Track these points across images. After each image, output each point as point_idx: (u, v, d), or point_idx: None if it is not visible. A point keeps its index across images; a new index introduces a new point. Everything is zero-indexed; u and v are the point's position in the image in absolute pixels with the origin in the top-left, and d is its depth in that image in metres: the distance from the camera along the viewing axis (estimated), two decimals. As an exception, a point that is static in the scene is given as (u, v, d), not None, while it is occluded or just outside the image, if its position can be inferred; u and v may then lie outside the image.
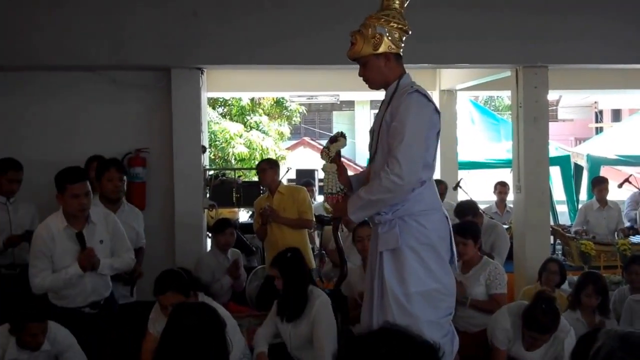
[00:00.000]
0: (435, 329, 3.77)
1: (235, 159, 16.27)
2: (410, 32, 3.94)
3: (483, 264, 5.98)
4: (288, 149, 20.19)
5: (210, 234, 7.62)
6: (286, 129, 18.48)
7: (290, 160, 17.36)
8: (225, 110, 17.91)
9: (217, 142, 16.22)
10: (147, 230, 6.40)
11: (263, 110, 18.01)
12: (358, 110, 27.36)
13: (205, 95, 8.15)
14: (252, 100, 17.49)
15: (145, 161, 7.47)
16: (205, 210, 7.76)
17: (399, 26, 3.88)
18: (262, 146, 16.69)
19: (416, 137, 3.67)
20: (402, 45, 3.92)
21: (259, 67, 8.26)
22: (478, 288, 5.90)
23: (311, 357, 5.02)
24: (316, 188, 11.18)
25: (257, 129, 17.40)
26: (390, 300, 3.81)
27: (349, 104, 27.13)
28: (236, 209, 9.27)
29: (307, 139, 24.36)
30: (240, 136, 16.62)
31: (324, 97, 15.68)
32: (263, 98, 17.45)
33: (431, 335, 3.60)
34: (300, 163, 15.96)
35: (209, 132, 12.15)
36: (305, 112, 20.82)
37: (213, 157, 15.83)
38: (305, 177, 11.59)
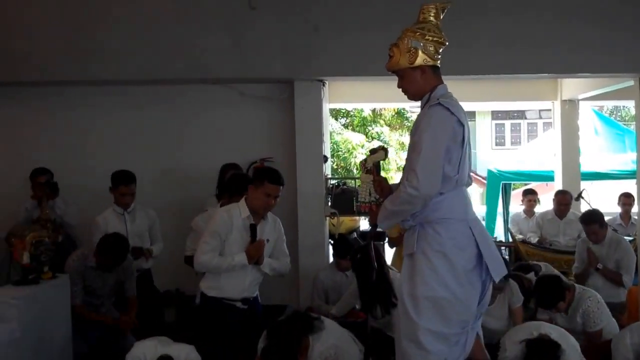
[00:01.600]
0: (436, 339, 3.76)
1: (356, 168, 16.48)
2: (446, 44, 3.94)
3: (578, 301, 5.75)
4: (409, 159, 20.20)
5: (331, 241, 7.81)
6: (407, 140, 18.54)
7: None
8: (347, 121, 18.17)
9: (340, 152, 16.48)
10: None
11: (384, 121, 18.16)
12: (479, 121, 27.12)
13: (327, 106, 8.39)
14: (373, 111, 17.67)
15: (269, 170, 7.76)
16: (327, 218, 7.97)
17: (434, 39, 3.92)
18: (383, 157, 16.82)
19: (434, 150, 3.69)
20: (439, 57, 3.94)
21: (380, 78, 8.40)
22: (577, 327, 5.73)
23: None
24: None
25: (378, 140, 17.55)
26: (399, 302, 3.90)
27: (470, 115, 26.89)
28: (357, 217, 9.45)
29: (428, 149, 24.27)
30: (362, 146, 16.83)
31: (444, 108, 15.69)
32: (384, 109, 17.60)
33: (428, 344, 3.73)
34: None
35: (331, 142, 12.43)
36: (426, 122, 20.79)
37: (335, 167, 16.11)
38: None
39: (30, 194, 6.88)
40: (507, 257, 8.96)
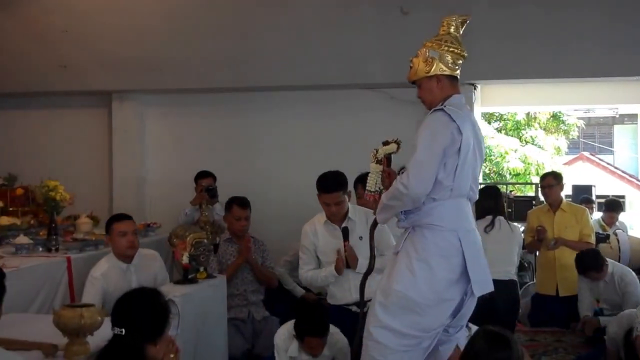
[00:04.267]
0: (394, 336, 3.81)
1: (509, 173, 16.17)
2: (465, 55, 4.02)
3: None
4: (565, 164, 19.64)
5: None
6: (563, 144, 18.01)
7: (567, 176, 16.88)
8: (500, 125, 17.86)
9: (492, 157, 16.22)
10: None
11: (539, 124, 17.72)
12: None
13: (479, 110, 8.29)
14: (527, 114, 17.27)
15: (420, 174, 7.75)
16: (477, 223, 7.86)
17: (451, 49, 4.01)
18: (537, 161, 16.43)
19: (428, 152, 3.75)
20: (457, 68, 4.02)
21: (535, 81, 8.24)
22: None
23: None
24: (595, 205, 10.57)
25: (532, 144, 17.15)
26: (373, 297, 3.95)
27: (632, 117, 25.66)
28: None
29: (585, 153, 23.44)
30: (515, 151, 16.48)
31: (602, 110, 15.08)
32: (539, 112, 17.16)
33: (380, 338, 3.81)
34: (578, 178, 15.47)
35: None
36: (583, 126, 20.16)
37: (487, 172, 15.86)
38: (582, 192, 11.12)
39: (190, 200, 7.18)
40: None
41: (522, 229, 9.62)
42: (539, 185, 7.15)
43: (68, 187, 6.32)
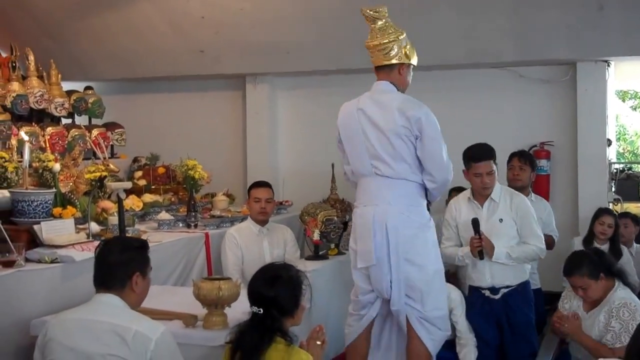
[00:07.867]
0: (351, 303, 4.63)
1: (645, 152, 15.59)
2: (368, 45, 4.99)
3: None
4: None
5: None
6: None
7: None
8: (635, 102, 17.20)
9: (626, 136, 15.69)
10: (552, 222, 6.44)
11: (679, 102, 16.97)
12: None
13: (613, 87, 8.07)
14: (666, 91, 16.56)
15: (550, 154, 7.65)
16: (610, 204, 7.70)
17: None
18: (674, 140, 15.77)
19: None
20: (372, 57, 5.08)
21: (674, 56, 7.96)
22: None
23: None
24: None
25: (670, 122, 16.45)
26: None
27: None
28: (645, 204, 8.99)
29: None
30: (651, 129, 15.88)
31: None
32: (679, 89, 16.43)
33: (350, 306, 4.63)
34: None
35: (617, 125, 11.86)
36: None
37: (622, 151, 15.35)
38: None
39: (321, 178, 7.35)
40: None
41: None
42: None
43: (206, 167, 6.63)
